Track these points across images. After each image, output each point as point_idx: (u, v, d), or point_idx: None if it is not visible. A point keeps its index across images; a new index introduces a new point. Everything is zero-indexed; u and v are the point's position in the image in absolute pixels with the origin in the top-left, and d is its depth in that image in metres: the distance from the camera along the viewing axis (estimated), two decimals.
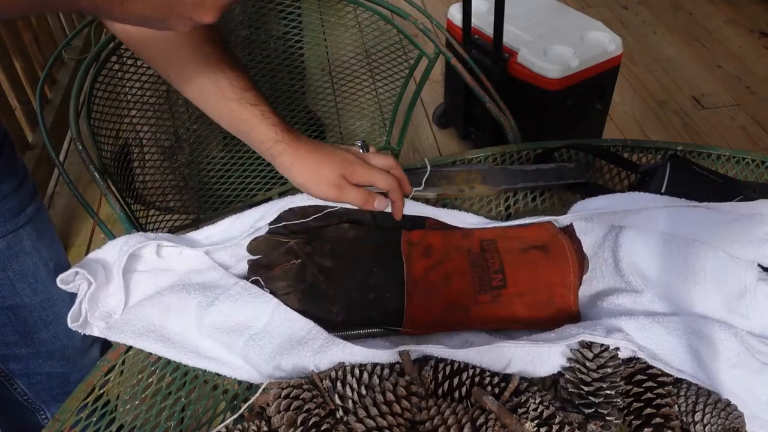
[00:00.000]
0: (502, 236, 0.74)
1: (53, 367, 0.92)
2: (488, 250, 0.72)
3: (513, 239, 0.73)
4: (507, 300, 0.68)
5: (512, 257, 0.71)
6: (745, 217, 0.72)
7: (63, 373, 0.94)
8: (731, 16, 2.97)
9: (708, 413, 0.58)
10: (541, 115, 1.83)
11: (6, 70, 1.86)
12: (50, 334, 0.88)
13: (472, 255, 0.72)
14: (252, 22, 1.21)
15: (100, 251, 0.72)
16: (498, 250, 0.72)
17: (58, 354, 0.91)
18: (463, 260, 0.71)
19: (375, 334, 0.67)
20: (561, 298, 0.68)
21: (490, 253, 0.71)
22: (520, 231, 0.75)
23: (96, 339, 0.96)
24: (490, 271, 0.69)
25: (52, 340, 0.89)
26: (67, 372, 0.94)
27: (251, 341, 0.65)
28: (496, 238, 0.74)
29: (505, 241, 0.73)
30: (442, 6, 2.93)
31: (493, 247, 0.72)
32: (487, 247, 0.72)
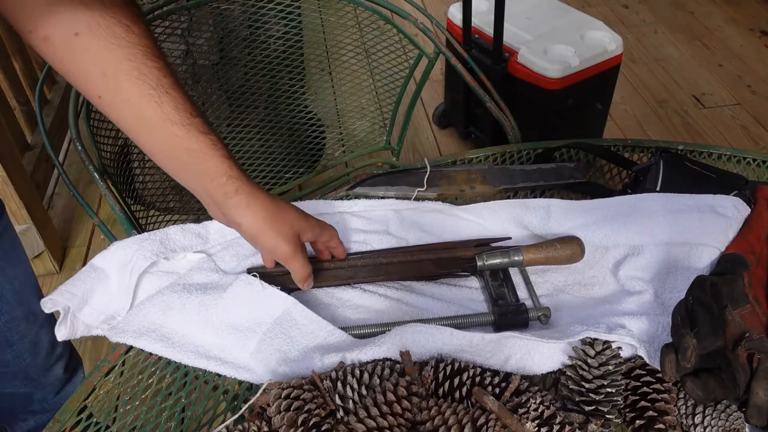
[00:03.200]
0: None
1: (16, 387, 0.90)
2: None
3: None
4: None
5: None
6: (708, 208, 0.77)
7: (26, 393, 0.93)
8: (732, 15, 2.97)
9: (708, 415, 0.58)
10: (541, 115, 1.83)
11: (5, 71, 1.86)
12: (14, 354, 0.87)
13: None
14: (252, 22, 1.21)
15: (109, 254, 0.72)
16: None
17: (21, 374, 0.90)
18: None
19: (376, 333, 0.67)
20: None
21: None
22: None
23: (60, 356, 0.97)
24: None
25: (16, 360, 0.88)
26: (30, 391, 0.93)
27: (256, 340, 0.65)
28: None
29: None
30: (442, 5, 2.93)
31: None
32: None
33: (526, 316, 0.68)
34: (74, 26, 0.54)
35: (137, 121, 0.59)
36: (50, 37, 0.55)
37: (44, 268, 1.80)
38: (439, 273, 0.75)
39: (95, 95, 0.58)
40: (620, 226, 0.77)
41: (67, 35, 0.54)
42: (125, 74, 0.56)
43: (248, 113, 1.24)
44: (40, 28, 0.54)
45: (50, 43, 0.55)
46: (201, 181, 0.61)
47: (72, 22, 0.54)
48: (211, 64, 1.31)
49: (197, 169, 0.60)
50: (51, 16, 0.54)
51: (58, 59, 0.57)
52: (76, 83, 0.58)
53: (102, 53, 0.55)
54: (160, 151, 0.60)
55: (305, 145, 1.33)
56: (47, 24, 0.54)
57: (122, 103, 0.57)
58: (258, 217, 0.61)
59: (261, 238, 0.63)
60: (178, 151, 0.59)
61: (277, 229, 0.62)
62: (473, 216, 0.80)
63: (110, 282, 0.71)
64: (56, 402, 0.98)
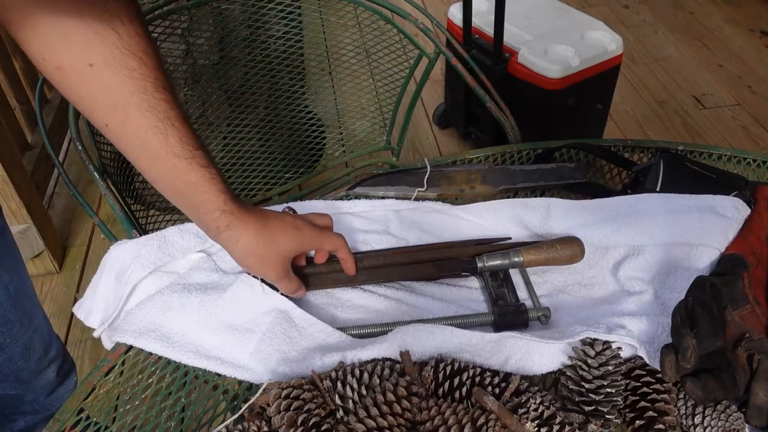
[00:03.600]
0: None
1: (6, 389, 0.90)
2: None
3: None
4: None
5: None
6: (708, 208, 0.77)
7: (16, 395, 0.93)
8: (732, 15, 2.97)
9: (708, 416, 0.58)
10: (541, 115, 1.83)
11: (5, 70, 1.86)
12: (5, 356, 0.87)
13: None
14: (252, 21, 1.21)
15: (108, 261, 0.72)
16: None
17: (12, 376, 0.90)
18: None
19: (375, 333, 0.67)
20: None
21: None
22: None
23: (53, 360, 0.96)
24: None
25: (7, 363, 0.88)
26: (21, 393, 0.93)
27: (256, 339, 0.65)
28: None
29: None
30: (442, 5, 2.93)
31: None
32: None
33: (526, 317, 0.68)
34: (89, 57, 0.54)
35: (142, 151, 0.60)
36: (63, 67, 0.55)
37: (44, 267, 1.80)
38: (440, 274, 0.75)
39: (102, 123, 0.59)
40: (620, 227, 0.77)
41: (81, 66, 0.55)
42: (135, 106, 0.57)
43: (248, 113, 1.24)
44: (54, 58, 0.55)
45: (63, 73, 0.56)
46: (196, 212, 0.63)
47: (87, 54, 0.54)
48: (211, 63, 1.31)
49: (193, 201, 0.62)
50: (66, 47, 0.54)
51: (68, 87, 0.57)
52: (84, 110, 0.59)
53: (115, 85, 0.56)
54: (161, 180, 0.62)
55: (305, 145, 1.33)
56: (61, 54, 0.54)
57: (129, 134, 0.59)
58: (247, 252, 0.65)
59: (251, 269, 0.68)
60: (177, 182, 0.61)
61: (264, 259, 0.65)
62: (473, 216, 0.80)
63: (108, 288, 0.71)
64: (47, 403, 0.98)
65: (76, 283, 1.78)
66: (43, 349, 0.94)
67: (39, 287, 1.77)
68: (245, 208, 0.64)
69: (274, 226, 0.65)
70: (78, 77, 0.56)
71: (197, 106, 1.32)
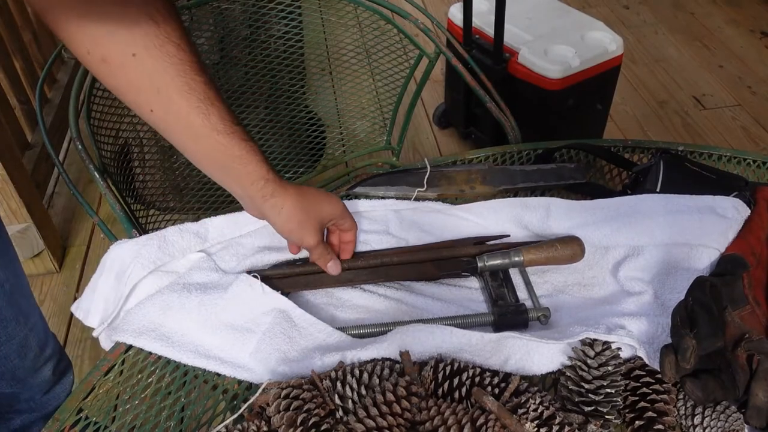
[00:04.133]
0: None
1: (2, 387, 0.90)
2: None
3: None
4: None
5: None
6: (708, 209, 0.77)
7: (12, 393, 0.93)
8: (732, 16, 2.97)
9: (707, 416, 0.58)
10: (541, 115, 1.83)
11: (6, 70, 1.86)
12: (1, 354, 0.87)
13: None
14: (252, 21, 1.21)
15: (108, 260, 0.72)
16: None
17: (8, 374, 0.90)
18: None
19: (375, 333, 0.67)
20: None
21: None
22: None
23: (49, 358, 0.96)
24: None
25: (3, 361, 0.88)
26: (17, 392, 0.93)
27: (256, 339, 0.65)
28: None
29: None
30: (442, 6, 2.93)
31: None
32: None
33: (525, 317, 0.68)
34: (132, 48, 0.57)
35: (186, 131, 0.63)
36: (108, 59, 0.58)
37: (44, 267, 1.80)
38: (439, 274, 0.75)
39: (147, 109, 0.62)
40: (620, 227, 0.77)
41: (125, 56, 0.58)
42: (176, 89, 0.60)
43: (248, 113, 1.24)
44: (99, 51, 0.57)
45: (107, 65, 0.58)
46: (242, 183, 0.66)
47: (130, 44, 0.57)
48: (211, 63, 1.31)
49: (239, 173, 0.65)
50: (110, 39, 0.57)
51: (113, 77, 0.60)
52: (127, 98, 0.62)
53: (156, 71, 0.59)
54: (206, 158, 0.65)
55: (305, 145, 1.33)
56: (106, 47, 0.57)
57: (173, 116, 0.62)
58: (289, 218, 0.67)
59: (291, 235, 0.69)
60: (223, 158, 0.64)
61: (305, 226, 0.68)
62: (473, 216, 0.80)
63: (107, 287, 0.71)
64: (43, 402, 0.98)
65: (75, 283, 1.78)
66: (39, 348, 0.94)
67: (39, 287, 1.77)
68: (281, 177, 0.67)
69: (311, 192, 0.69)
70: (122, 67, 0.58)
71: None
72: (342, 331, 0.67)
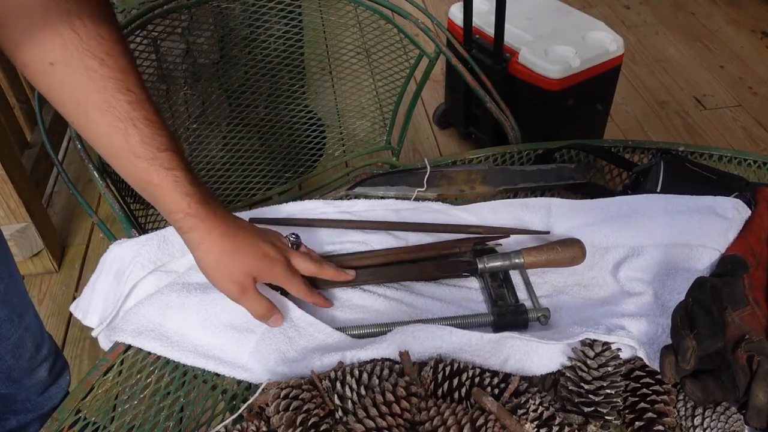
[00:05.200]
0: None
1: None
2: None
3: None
4: None
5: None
6: (708, 209, 0.77)
7: (8, 394, 0.92)
8: (733, 16, 2.97)
9: (708, 417, 0.58)
10: (541, 116, 1.82)
11: (5, 69, 1.85)
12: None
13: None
14: (252, 21, 1.21)
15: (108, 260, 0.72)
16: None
17: (3, 375, 0.90)
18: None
19: (375, 333, 0.67)
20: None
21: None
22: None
23: (45, 359, 0.96)
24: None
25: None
26: (13, 392, 0.93)
27: (256, 339, 0.64)
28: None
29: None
30: (442, 5, 2.93)
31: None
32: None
33: (525, 317, 0.68)
34: (49, 56, 0.56)
35: (104, 149, 0.61)
36: (28, 64, 0.57)
37: (43, 266, 1.79)
38: (439, 275, 0.74)
39: (68, 119, 0.61)
40: (620, 227, 0.76)
41: (43, 64, 0.57)
42: (95, 105, 0.58)
43: (248, 113, 1.24)
44: (19, 55, 0.57)
45: (29, 69, 0.58)
46: (161, 210, 0.63)
47: (47, 53, 0.56)
48: (211, 63, 1.31)
49: (157, 201, 0.62)
50: (28, 45, 0.56)
51: (34, 83, 0.59)
52: (53, 105, 0.61)
53: (75, 84, 0.57)
54: (127, 178, 0.63)
55: (305, 145, 1.33)
56: (25, 51, 0.56)
57: (91, 132, 0.60)
58: (207, 257, 0.63)
59: (209, 277, 0.64)
60: (140, 182, 0.62)
61: (224, 270, 0.63)
62: (473, 216, 0.80)
63: (107, 287, 0.71)
64: (40, 402, 0.97)
65: (75, 282, 1.78)
66: (35, 348, 0.94)
67: (38, 286, 1.77)
68: (216, 214, 0.63)
69: (244, 241, 0.64)
70: (41, 74, 0.58)
71: (197, 105, 1.32)
72: (342, 332, 0.67)
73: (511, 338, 0.63)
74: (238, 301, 0.64)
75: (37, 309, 1.03)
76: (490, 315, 0.68)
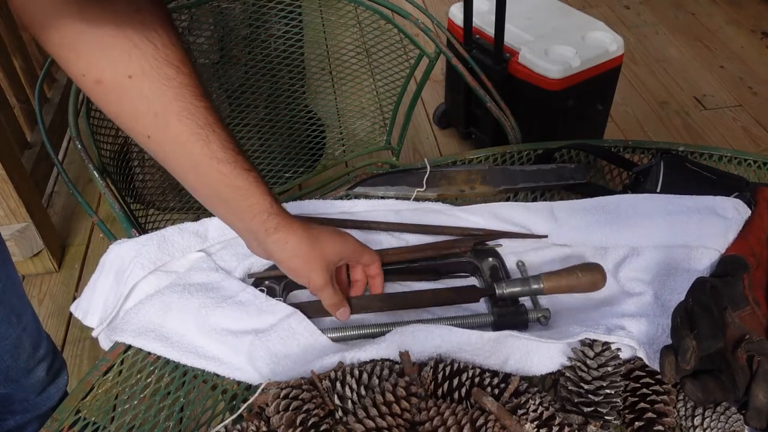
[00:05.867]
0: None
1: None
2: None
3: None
4: None
5: None
6: (708, 210, 0.77)
7: (6, 394, 0.92)
8: (733, 16, 2.97)
9: (708, 417, 0.58)
10: (542, 116, 1.82)
11: (5, 69, 1.85)
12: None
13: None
14: (252, 21, 1.21)
15: (108, 260, 0.72)
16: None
17: (1, 375, 0.90)
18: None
19: (375, 333, 0.67)
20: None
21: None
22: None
23: (42, 359, 0.96)
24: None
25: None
26: (11, 393, 0.93)
27: (257, 340, 0.65)
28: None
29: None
30: (443, 5, 2.93)
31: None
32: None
33: (525, 317, 0.68)
34: (128, 69, 0.55)
35: (185, 160, 0.60)
36: (103, 81, 0.56)
37: (43, 266, 1.80)
38: (440, 275, 0.74)
39: (144, 135, 0.59)
40: (620, 227, 0.76)
41: (121, 78, 0.55)
42: (175, 114, 0.57)
43: (248, 112, 1.23)
44: (94, 72, 0.55)
45: (102, 86, 0.56)
46: (243, 217, 0.62)
47: (126, 66, 0.55)
48: (211, 63, 1.31)
49: (240, 206, 0.61)
50: (105, 61, 0.55)
51: (108, 101, 0.58)
52: (124, 123, 0.59)
53: (153, 95, 0.56)
54: (206, 189, 0.62)
55: (305, 145, 1.33)
56: (101, 68, 0.55)
57: (171, 142, 0.59)
58: (295, 254, 0.63)
59: (297, 273, 0.65)
60: (223, 189, 0.60)
61: (311, 264, 0.64)
62: (474, 217, 0.80)
63: (107, 287, 0.71)
64: (37, 402, 0.97)
65: (75, 282, 1.78)
66: (32, 348, 0.94)
67: (38, 286, 1.77)
68: (286, 211, 0.64)
69: (319, 229, 0.65)
70: (118, 90, 0.56)
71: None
72: (341, 331, 0.67)
73: (511, 337, 0.63)
74: (322, 290, 0.65)
75: (37, 309, 1.03)
76: (490, 315, 0.68)
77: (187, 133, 0.58)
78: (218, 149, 0.59)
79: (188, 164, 0.60)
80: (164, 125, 0.57)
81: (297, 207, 0.82)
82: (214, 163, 0.59)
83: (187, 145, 0.58)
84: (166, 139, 0.58)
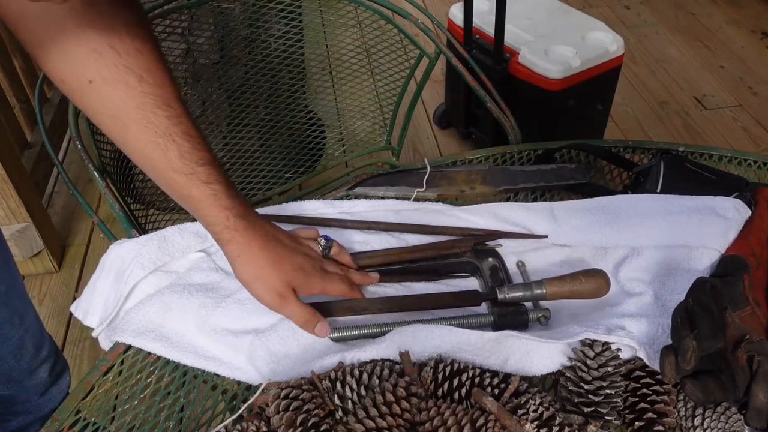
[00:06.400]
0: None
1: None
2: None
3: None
4: None
5: None
6: (708, 210, 0.77)
7: (9, 395, 0.92)
8: (733, 16, 2.97)
9: (708, 417, 0.58)
10: (542, 116, 1.82)
11: (5, 69, 1.85)
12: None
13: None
14: (252, 21, 1.21)
15: (108, 260, 0.72)
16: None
17: (4, 376, 0.90)
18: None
19: (375, 333, 0.67)
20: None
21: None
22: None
23: (45, 360, 0.96)
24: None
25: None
26: (14, 394, 0.93)
27: (257, 340, 0.65)
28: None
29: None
30: (443, 5, 2.93)
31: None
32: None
33: (525, 318, 0.68)
34: (88, 74, 0.57)
35: (143, 162, 0.62)
36: (66, 81, 0.58)
37: (43, 266, 1.80)
38: (440, 275, 0.74)
39: (106, 132, 0.62)
40: (620, 228, 0.76)
41: (81, 82, 0.57)
42: (134, 121, 0.59)
43: (248, 113, 1.23)
44: (57, 72, 0.57)
45: (66, 86, 0.59)
46: (200, 221, 0.65)
47: (86, 70, 0.56)
48: (211, 63, 1.31)
49: (196, 213, 0.64)
50: (66, 64, 0.56)
51: (72, 99, 0.60)
52: (90, 119, 0.62)
53: (113, 100, 0.58)
54: (166, 190, 0.64)
55: (305, 145, 1.33)
56: (62, 70, 0.57)
57: (130, 145, 0.61)
58: (246, 270, 0.64)
59: (248, 288, 0.65)
60: (178, 196, 0.63)
61: (264, 282, 0.64)
62: (474, 217, 0.80)
63: (107, 287, 0.71)
64: (40, 403, 0.97)
65: (75, 283, 1.78)
66: (35, 349, 0.94)
67: (38, 286, 1.77)
68: (255, 227, 0.64)
69: (281, 255, 0.65)
70: (79, 91, 0.58)
71: (197, 105, 1.32)
72: (342, 331, 0.67)
73: (511, 337, 0.63)
74: (280, 311, 0.65)
75: (38, 309, 1.02)
76: (491, 315, 0.68)
77: (145, 140, 0.59)
78: (175, 159, 0.60)
79: (146, 166, 0.62)
80: (123, 129, 0.59)
81: (297, 207, 0.82)
82: (169, 172, 0.60)
83: (146, 151, 0.60)
84: (126, 142, 0.61)
